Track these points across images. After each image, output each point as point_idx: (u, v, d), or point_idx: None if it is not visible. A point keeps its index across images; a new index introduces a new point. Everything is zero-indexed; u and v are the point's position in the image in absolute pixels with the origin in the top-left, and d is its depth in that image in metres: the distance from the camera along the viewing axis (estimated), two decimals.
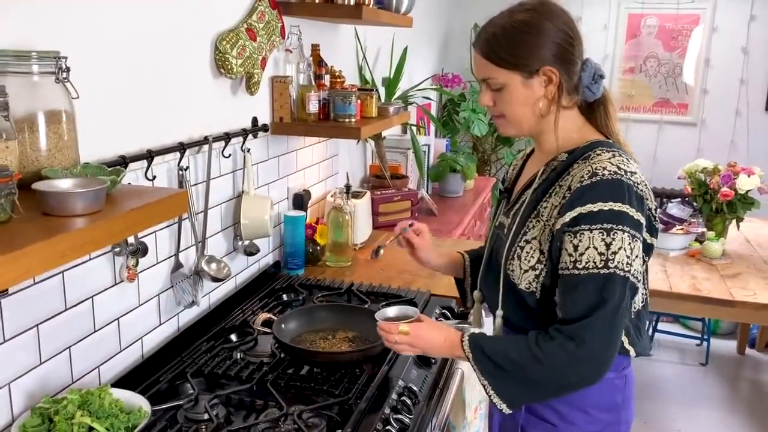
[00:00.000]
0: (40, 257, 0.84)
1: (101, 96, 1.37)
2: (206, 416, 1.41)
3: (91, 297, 1.42)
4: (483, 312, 1.58)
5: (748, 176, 3.02)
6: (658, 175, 4.63)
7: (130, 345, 1.56)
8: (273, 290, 2.10)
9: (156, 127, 1.58)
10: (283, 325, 1.73)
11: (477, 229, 3.74)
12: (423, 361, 1.73)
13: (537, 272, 1.29)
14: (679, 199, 3.26)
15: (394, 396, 1.52)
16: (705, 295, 2.66)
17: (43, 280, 1.27)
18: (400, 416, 1.45)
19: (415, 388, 1.58)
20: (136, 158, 1.47)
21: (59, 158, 1.11)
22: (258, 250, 2.03)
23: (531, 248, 1.30)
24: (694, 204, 3.22)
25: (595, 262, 1.18)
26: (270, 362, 1.64)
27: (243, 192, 1.96)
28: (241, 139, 1.92)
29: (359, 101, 2.25)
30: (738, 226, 3.18)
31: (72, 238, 0.90)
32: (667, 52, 4.61)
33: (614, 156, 1.25)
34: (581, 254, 1.19)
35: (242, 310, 1.94)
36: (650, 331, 3.95)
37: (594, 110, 1.36)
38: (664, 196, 4.27)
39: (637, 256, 1.21)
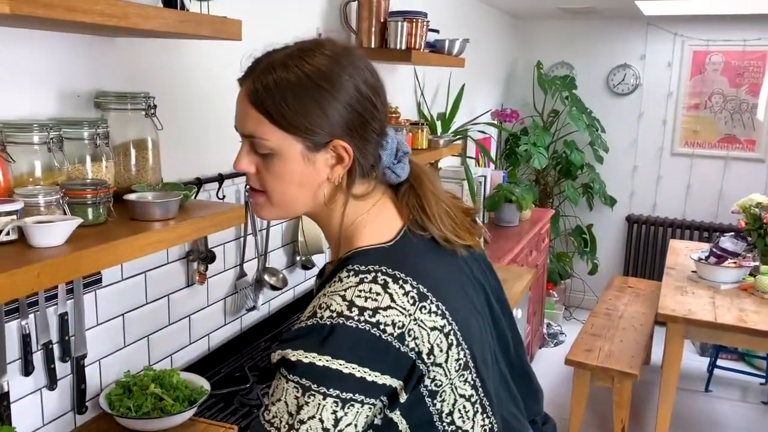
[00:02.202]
0: (126, 249, 1.10)
1: (182, 128, 1.67)
2: (258, 401, 1.65)
3: (168, 295, 1.69)
4: None
5: None
6: (723, 210, 4.61)
7: (199, 339, 1.83)
8: None
9: (227, 154, 1.85)
10: None
11: (533, 258, 3.88)
12: None
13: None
14: (732, 233, 3.29)
15: None
16: (751, 326, 2.69)
17: (129, 277, 1.55)
18: None
19: None
20: (210, 180, 1.75)
21: (145, 177, 1.39)
22: (314, 265, 2.27)
23: None
24: (748, 238, 3.24)
25: (279, 422, 0.84)
26: None
27: None
28: None
29: (409, 134, 2.48)
30: None
31: (150, 237, 1.16)
32: (732, 89, 4.62)
33: (361, 283, 0.87)
34: (272, 403, 0.86)
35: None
36: (710, 367, 3.92)
37: (402, 193, 1.00)
38: (723, 231, 4.25)
39: (349, 425, 0.83)
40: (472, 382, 0.93)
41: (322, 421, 0.82)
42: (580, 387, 3.04)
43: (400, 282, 0.88)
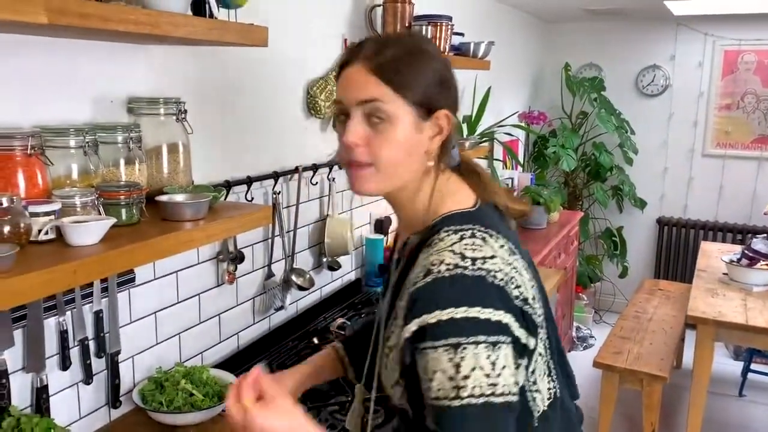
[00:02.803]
0: (158, 248, 1.15)
1: (212, 132, 1.72)
2: None
3: (198, 294, 1.75)
4: (365, 414, 1.19)
5: None
6: (756, 212, 4.53)
7: (229, 338, 1.88)
8: (353, 303, 2.37)
9: (256, 158, 1.91)
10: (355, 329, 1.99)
11: (561, 261, 3.86)
12: None
13: (401, 388, 0.99)
14: (765, 235, 3.24)
15: None
16: None
17: (161, 276, 1.61)
18: None
19: None
20: (238, 183, 1.80)
21: (177, 179, 1.44)
22: (340, 266, 2.31)
23: (393, 358, 0.99)
24: None
25: (445, 391, 0.87)
26: None
27: (328, 215, 2.26)
28: (327, 169, 2.23)
29: None
30: None
31: (181, 236, 1.21)
32: (766, 88, 4.54)
33: (462, 239, 0.94)
34: (431, 380, 0.88)
35: (324, 318, 2.22)
36: (743, 371, 3.85)
37: (465, 172, 1.08)
38: (755, 232, 4.18)
39: (504, 367, 0.88)
40: (543, 341, 1.00)
41: (482, 368, 0.86)
42: (609, 389, 3.02)
43: (494, 237, 0.95)
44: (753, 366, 3.93)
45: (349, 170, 1.02)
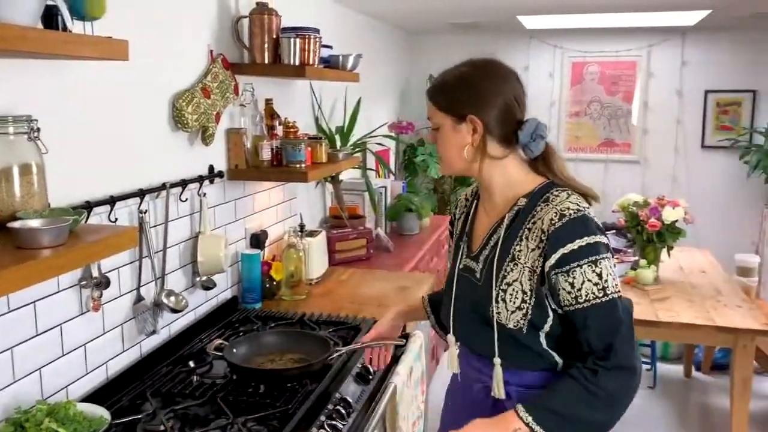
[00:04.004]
0: (12, 279, 1.06)
1: (69, 150, 1.61)
2: (162, 428, 1.61)
3: (60, 325, 1.62)
4: (456, 354, 1.59)
5: (673, 208, 3.30)
6: (605, 210, 4.92)
7: (96, 368, 1.76)
8: (230, 322, 2.31)
9: (119, 175, 1.82)
10: (234, 350, 1.94)
11: (433, 264, 3.98)
12: (361, 377, 1.94)
13: (523, 311, 1.37)
14: (614, 231, 3.53)
15: (330, 406, 1.73)
16: (634, 317, 2.89)
17: (16, 309, 1.48)
18: (334, 422, 1.66)
19: (350, 399, 1.79)
20: (100, 203, 1.70)
21: (31, 203, 1.34)
22: (215, 285, 2.24)
23: (513, 290, 1.38)
24: (628, 235, 3.49)
25: (594, 293, 1.30)
26: (222, 383, 1.84)
27: (199, 232, 2.18)
28: (197, 184, 2.16)
29: (309, 148, 2.50)
30: (669, 254, 3.45)
31: (39, 265, 1.12)
32: (609, 96, 4.97)
33: (569, 195, 1.38)
34: (579, 289, 1.31)
35: (200, 340, 2.15)
36: None
37: (537, 162, 1.46)
38: (606, 229, 4.55)
39: (616, 273, 1.35)
40: None
41: (611, 274, 1.33)
42: None
43: (576, 194, 1.41)
44: None
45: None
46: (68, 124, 1.61)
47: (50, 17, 1.20)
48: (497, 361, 1.44)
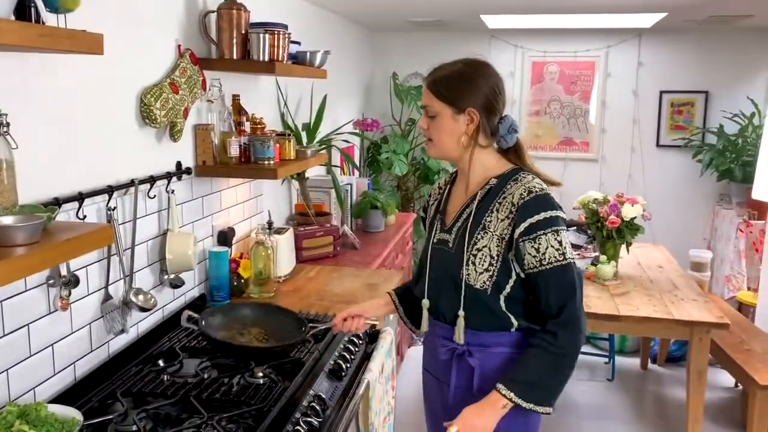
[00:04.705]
0: None
1: (37, 146, 1.57)
2: (134, 428, 1.58)
3: (27, 324, 1.58)
4: (428, 317, 1.80)
5: (632, 205, 3.39)
6: (565, 207, 5.01)
7: (64, 369, 1.72)
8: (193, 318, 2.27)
9: (87, 172, 1.78)
10: (206, 321, 1.99)
11: (398, 262, 4.00)
12: (334, 374, 1.95)
13: (490, 273, 1.61)
14: (575, 228, 3.61)
15: (304, 403, 1.73)
16: (595, 311, 2.97)
17: None
18: (309, 419, 1.66)
19: (324, 396, 1.79)
20: (69, 200, 1.66)
21: (0, 200, 1.30)
22: (183, 283, 2.21)
23: (483, 254, 1.62)
24: (588, 231, 3.57)
25: (556, 257, 1.55)
26: (194, 381, 1.82)
27: (168, 230, 2.15)
28: (165, 181, 2.13)
29: (277, 145, 2.49)
30: (628, 250, 3.54)
31: (15, 263, 1.10)
32: (568, 96, 5.07)
33: (534, 178, 1.64)
34: (543, 254, 1.55)
35: (169, 338, 2.12)
36: None
37: (508, 152, 1.71)
38: (566, 226, 4.65)
39: (570, 245, 1.62)
40: None
41: (567, 244, 1.58)
42: None
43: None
44: None
45: (425, 143, 1.72)
46: (34, 118, 1.57)
47: (23, 8, 1.16)
48: (461, 313, 1.66)
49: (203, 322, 1.96)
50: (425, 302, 1.77)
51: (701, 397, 2.99)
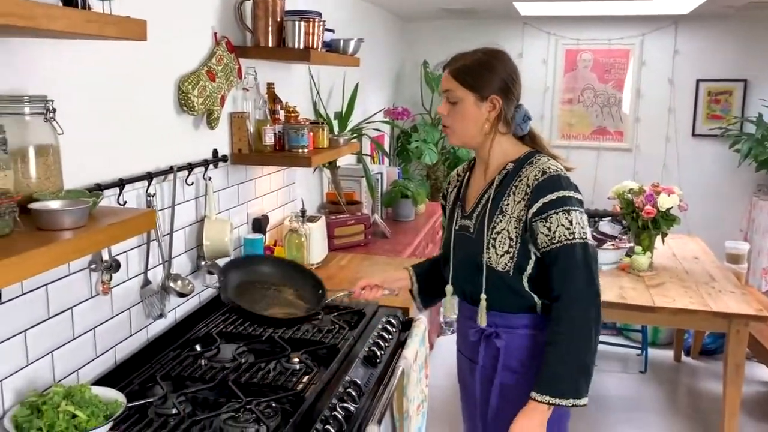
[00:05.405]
0: (40, 260, 1.05)
1: (81, 132, 1.59)
2: (174, 411, 1.61)
3: (71, 308, 1.61)
4: (454, 302, 1.86)
5: (668, 195, 3.33)
6: (598, 197, 4.97)
7: (105, 352, 1.75)
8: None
9: (127, 158, 1.80)
10: (226, 276, 1.98)
11: (429, 251, 4.00)
12: (368, 361, 1.95)
13: (510, 255, 1.65)
14: (610, 218, 3.57)
15: (340, 389, 1.74)
16: (630, 302, 2.94)
17: (29, 291, 1.47)
18: (346, 405, 1.67)
19: (360, 382, 1.80)
20: (110, 186, 1.68)
21: (47, 185, 1.32)
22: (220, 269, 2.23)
23: (502, 237, 1.66)
24: (623, 222, 3.52)
25: (565, 236, 1.58)
26: (231, 366, 1.84)
27: (205, 216, 2.17)
28: (203, 168, 2.15)
29: (311, 133, 2.49)
30: (663, 241, 3.49)
31: (62, 246, 1.11)
32: (601, 84, 4.99)
33: (549, 160, 1.68)
34: (554, 232, 1.59)
35: (206, 324, 2.14)
36: None
37: (523, 139, 1.76)
38: (600, 216, 4.59)
39: (586, 225, 1.64)
40: None
41: (579, 223, 1.60)
42: None
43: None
44: (601, 338, 4.31)
45: (443, 131, 1.76)
46: (78, 105, 1.59)
47: None
48: (483, 296, 1.70)
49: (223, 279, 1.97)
50: (449, 288, 1.83)
51: (738, 391, 2.94)
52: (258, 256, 2.28)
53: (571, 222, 1.58)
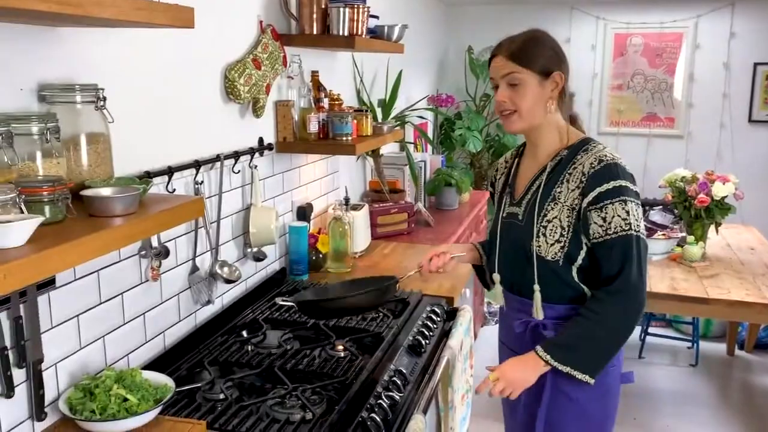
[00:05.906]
0: (92, 246, 1.06)
1: (130, 120, 1.61)
2: (222, 396, 1.63)
3: (122, 293, 1.64)
4: (502, 290, 1.83)
5: (723, 183, 3.22)
6: (648, 185, 4.83)
7: (155, 337, 1.78)
8: (280, 293, 2.32)
9: (175, 146, 1.82)
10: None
11: (473, 240, 3.95)
12: (413, 350, 1.94)
13: (561, 244, 1.62)
14: (661, 207, 3.46)
15: (385, 378, 1.73)
16: (682, 294, 2.85)
17: (82, 277, 1.50)
18: (391, 393, 1.66)
19: (405, 371, 1.79)
20: (159, 173, 1.70)
21: (98, 172, 1.34)
22: (265, 257, 2.25)
23: (553, 226, 1.63)
24: (675, 211, 3.41)
25: (621, 226, 1.55)
26: (277, 353, 1.85)
27: (251, 204, 2.19)
28: (249, 156, 2.16)
29: (355, 121, 2.48)
30: (717, 231, 3.37)
31: (115, 232, 1.13)
32: (652, 69, 4.84)
33: (605, 147, 1.65)
34: (609, 223, 1.55)
35: (252, 310, 2.16)
36: (642, 335, 4.13)
37: (574, 120, 1.76)
38: (651, 205, 4.46)
39: (641, 217, 1.59)
40: None
41: (636, 214, 1.56)
42: None
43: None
44: (650, 329, 4.22)
45: (501, 119, 1.68)
46: (126, 93, 1.61)
47: None
48: (536, 287, 1.67)
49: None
50: (496, 276, 1.80)
51: None
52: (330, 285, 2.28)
53: (628, 213, 1.55)
